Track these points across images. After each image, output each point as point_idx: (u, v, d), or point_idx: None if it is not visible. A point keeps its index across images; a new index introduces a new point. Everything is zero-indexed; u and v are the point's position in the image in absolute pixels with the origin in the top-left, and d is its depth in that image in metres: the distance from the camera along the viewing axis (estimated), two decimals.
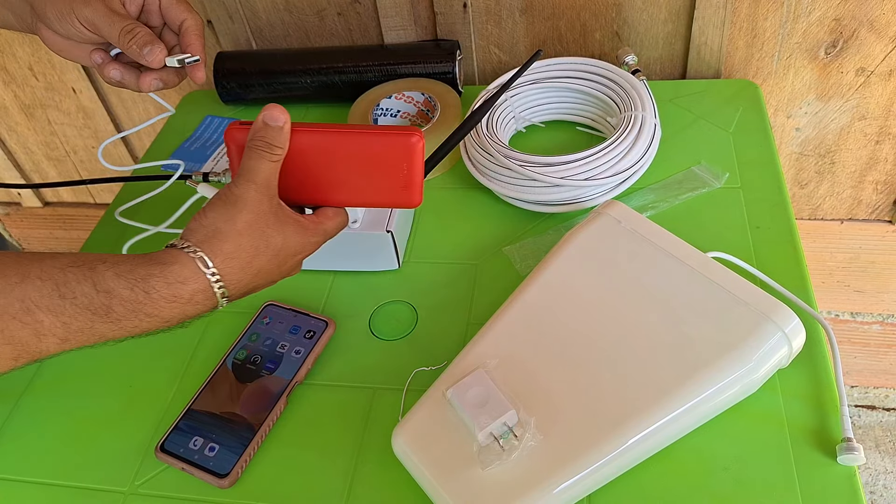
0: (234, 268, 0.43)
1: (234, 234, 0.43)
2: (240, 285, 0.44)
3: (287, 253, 0.46)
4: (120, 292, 0.40)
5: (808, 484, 0.46)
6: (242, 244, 0.43)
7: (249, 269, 0.44)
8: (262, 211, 0.44)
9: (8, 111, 1.07)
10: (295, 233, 0.46)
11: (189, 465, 0.51)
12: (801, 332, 0.48)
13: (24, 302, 0.38)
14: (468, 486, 0.45)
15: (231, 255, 0.43)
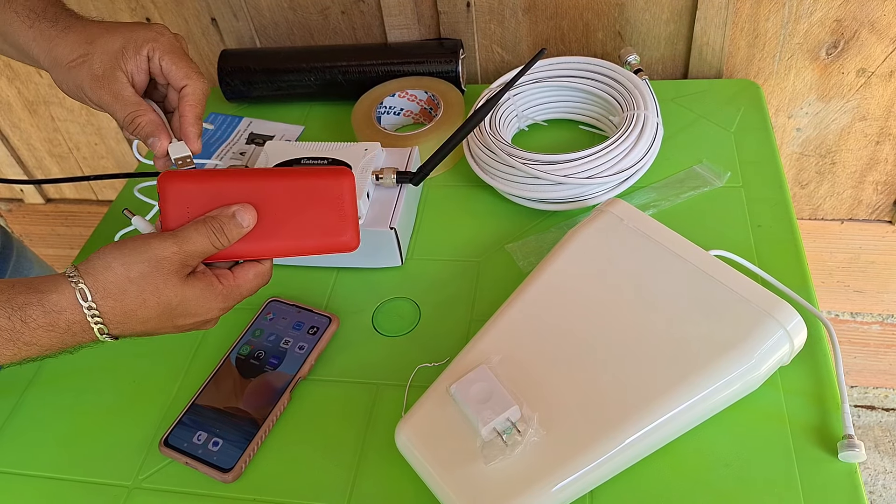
0: (116, 310, 0.42)
1: (124, 278, 0.42)
2: (122, 327, 0.43)
3: (184, 312, 0.45)
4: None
5: (809, 481, 0.46)
6: (129, 291, 0.43)
7: (134, 317, 0.43)
8: (165, 270, 0.43)
9: (11, 108, 1.07)
10: (198, 296, 0.45)
11: (193, 460, 0.51)
12: (803, 330, 0.48)
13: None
14: (471, 482, 0.45)
15: (113, 296, 0.42)
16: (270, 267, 0.50)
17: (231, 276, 0.47)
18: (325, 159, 0.63)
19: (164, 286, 0.43)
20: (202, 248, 0.45)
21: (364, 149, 0.64)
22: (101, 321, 0.42)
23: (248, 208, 0.47)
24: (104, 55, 0.50)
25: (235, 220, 0.46)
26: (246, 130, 0.82)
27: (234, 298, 0.47)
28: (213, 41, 0.92)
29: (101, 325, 0.42)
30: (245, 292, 0.48)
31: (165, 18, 0.91)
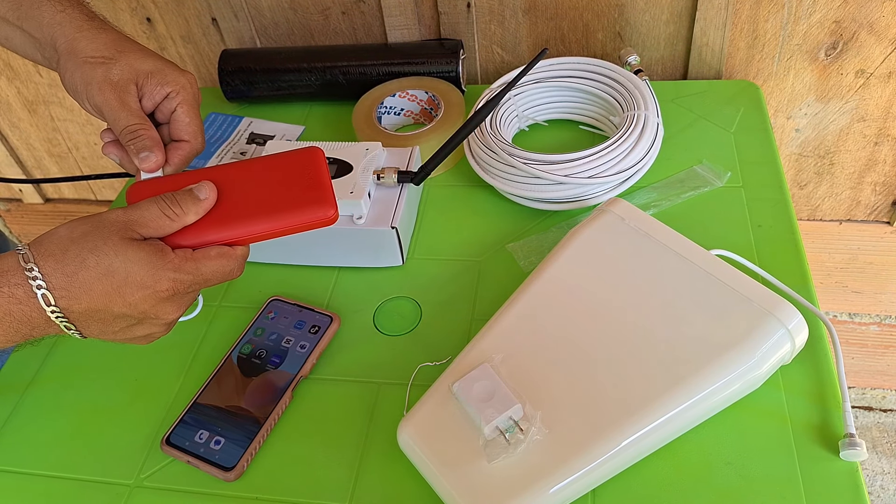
0: (57, 272, 0.40)
1: (66, 239, 0.41)
2: (68, 297, 0.41)
3: (129, 280, 0.41)
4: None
5: (810, 479, 0.46)
6: (70, 250, 0.41)
7: (75, 280, 0.41)
8: (107, 231, 0.42)
9: (11, 107, 1.07)
10: (144, 260, 0.41)
11: (195, 459, 0.51)
12: (804, 329, 0.48)
13: None
14: (473, 480, 0.45)
15: (55, 256, 0.41)
16: (241, 254, 0.46)
17: (189, 250, 0.44)
18: (327, 158, 0.63)
19: (104, 245, 0.41)
20: (151, 215, 0.43)
21: (365, 148, 0.64)
22: (45, 286, 0.40)
23: (207, 183, 0.45)
24: (128, 67, 0.50)
25: (192, 192, 0.44)
26: (246, 130, 0.82)
27: (189, 272, 0.43)
28: (213, 41, 0.92)
29: (44, 291, 0.40)
30: (206, 270, 0.44)
31: (166, 18, 0.91)
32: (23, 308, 0.40)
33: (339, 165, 0.62)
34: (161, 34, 0.93)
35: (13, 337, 0.41)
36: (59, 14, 0.51)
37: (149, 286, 0.42)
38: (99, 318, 0.42)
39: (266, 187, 0.46)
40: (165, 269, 0.42)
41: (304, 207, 0.46)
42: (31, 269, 0.40)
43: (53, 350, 0.62)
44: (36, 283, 0.40)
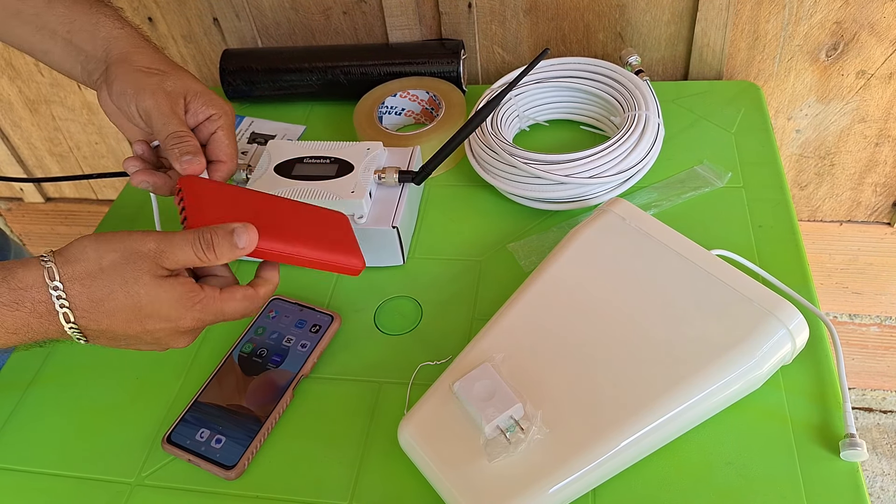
0: (83, 296, 0.41)
1: (95, 265, 0.41)
2: (88, 318, 0.41)
3: (154, 313, 0.42)
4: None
5: (811, 479, 0.46)
6: (98, 278, 0.41)
7: (101, 308, 0.41)
8: (139, 265, 0.42)
9: (12, 106, 1.07)
10: (173, 299, 0.42)
11: (195, 457, 0.52)
12: (805, 329, 0.48)
13: None
14: (474, 479, 0.45)
15: (81, 280, 0.41)
16: (264, 296, 0.47)
17: (216, 290, 0.45)
18: (328, 158, 0.63)
19: (133, 280, 0.41)
20: (184, 256, 0.43)
21: (366, 148, 0.64)
22: (67, 305, 0.41)
23: (251, 230, 0.44)
24: (181, 82, 0.53)
25: (232, 238, 0.43)
26: (247, 130, 0.82)
27: (212, 313, 0.44)
28: (214, 41, 0.92)
29: (66, 310, 0.41)
30: (228, 311, 0.45)
31: (167, 18, 0.91)
32: (42, 322, 0.41)
33: (340, 165, 0.63)
34: (162, 34, 0.93)
35: (21, 342, 0.42)
36: (118, 30, 0.54)
37: (172, 320, 0.43)
38: (112, 337, 0.43)
39: (309, 224, 0.51)
40: (192, 310, 0.43)
41: (339, 252, 0.51)
42: (57, 288, 0.41)
43: (55, 349, 0.62)
44: (59, 303, 0.41)
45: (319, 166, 0.63)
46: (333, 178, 0.61)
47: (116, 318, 0.42)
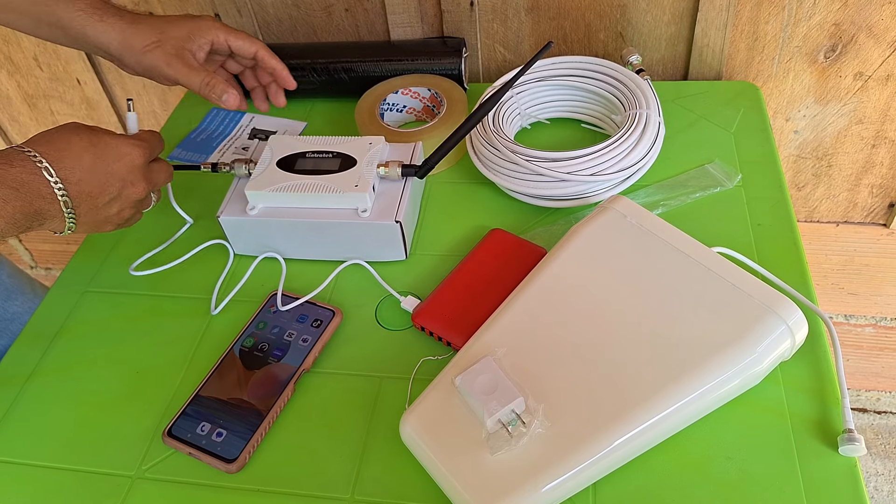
0: (52, 150, 0.50)
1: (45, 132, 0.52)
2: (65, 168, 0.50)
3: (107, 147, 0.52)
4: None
5: (809, 474, 0.46)
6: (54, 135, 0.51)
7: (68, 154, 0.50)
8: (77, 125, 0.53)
9: (11, 101, 1.07)
10: (112, 135, 0.53)
11: (196, 450, 0.52)
12: (804, 326, 0.49)
13: None
14: (476, 473, 0.45)
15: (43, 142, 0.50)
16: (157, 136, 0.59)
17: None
18: (330, 153, 0.64)
19: (82, 129, 0.52)
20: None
21: (368, 143, 0.64)
22: (45, 161, 0.49)
23: None
24: (174, 40, 0.62)
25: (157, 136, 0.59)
26: (248, 125, 0.82)
27: (145, 140, 0.56)
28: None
29: (45, 164, 0.49)
30: (153, 141, 0.57)
31: (168, 12, 0.91)
32: (34, 178, 0.49)
33: (343, 159, 0.63)
34: None
35: (28, 209, 0.48)
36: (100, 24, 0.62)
37: (125, 153, 0.53)
38: (88, 193, 0.51)
39: None
40: (131, 141, 0.54)
41: None
42: (29, 151, 0.49)
43: (55, 341, 0.62)
44: (37, 160, 0.49)
45: (322, 161, 0.63)
46: (337, 173, 0.61)
47: (84, 163, 0.51)
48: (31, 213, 0.49)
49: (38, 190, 0.49)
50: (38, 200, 0.49)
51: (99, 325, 0.63)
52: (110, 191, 0.53)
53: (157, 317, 0.63)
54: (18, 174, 0.48)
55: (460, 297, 0.58)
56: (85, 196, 0.51)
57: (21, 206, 0.48)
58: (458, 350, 0.53)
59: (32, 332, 0.63)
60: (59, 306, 0.65)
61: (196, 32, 0.63)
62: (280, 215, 0.62)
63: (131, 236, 0.70)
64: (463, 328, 0.55)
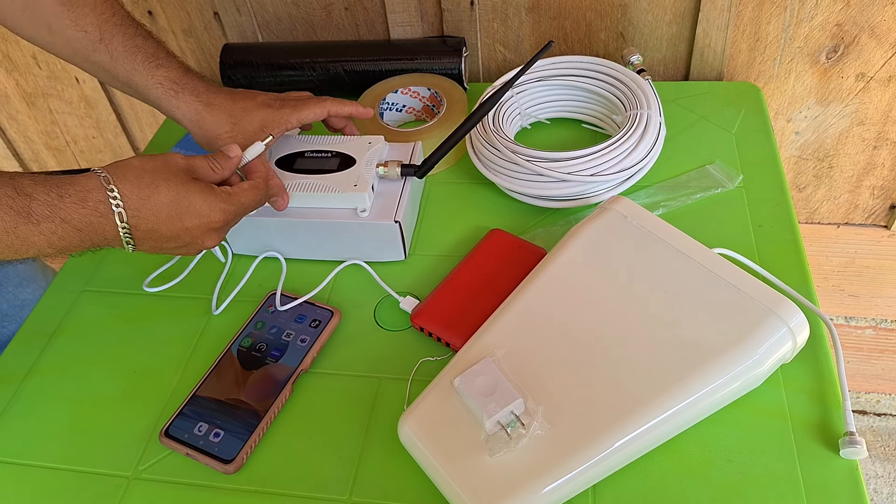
0: (133, 195, 0.48)
1: (140, 168, 0.50)
2: (138, 216, 0.49)
3: (189, 206, 0.50)
4: (38, 195, 0.46)
5: (810, 476, 0.46)
6: (143, 177, 0.49)
7: (148, 203, 0.49)
8: (174, 167, 0.51)
9: (9, 99, 1.07)
10: (201, 191, 0.51)
11: (194, 451, 0.51)
12: (806, 328, 0.48)
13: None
14: (474, 474, 0.45)
15: (132, 181, 0.49)
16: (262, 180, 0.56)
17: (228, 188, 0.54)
18: (329, 152, 0.63)
19: (173, 178, 0.50)
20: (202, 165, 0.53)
21: (368, 142, 0.64)
22: (121, 205, 0.48)
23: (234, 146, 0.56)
24: (246, 134, 0.61)
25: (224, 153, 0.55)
26: None
27: (234, 204, 0.53)
28: (215, 35, 0.92)
29: (120, 210, 0.48)
30: (244, 201, 0.54)
31: (167, 12, 0.90)
32: (102, 221, 0.48)
33: (342, 159, 0.62)
34: (162, 28, 0.92)
35: (83, 244, 0.48)
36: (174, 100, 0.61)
37: (204, 216, 0.51)
38: (155, 238, 0.50)
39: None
40: (218, 202, 0.52)
41: None
42: (112, 190, 0.48)
43: (52, 340, 0.62)
44: (115, 202, 0.48)
45: (321, 160, 0.63)
46: (336, 172, 0.61)
47: (161, 216, 0.49)
48: (87, 246, 0.48)
49: (102, 231, 0.48)
50: (99, 238, 0.48)
51: (96, 324, 0.62)
52: (177, 242, 0.51)
53: (155, 316, 0.62)
54: (88, 216, 0.47)
55: (460, 297, 0.58)
56: (149, 241, 0.50)
57: (78, 242, 0.47)
58: (457, 351, 0.52)
59: (30, 331, 0.63)
60: (56, 306, 0.64)
61: (268, 126, 0.61)
62: (279, 215, 0.61)
63: None
64: (462, 329, 0.54)
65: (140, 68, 0.60)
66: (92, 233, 0.47)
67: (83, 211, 0.47)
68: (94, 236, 0.48)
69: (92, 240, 0.48)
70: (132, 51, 0.60)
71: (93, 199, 0.47)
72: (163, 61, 0.61)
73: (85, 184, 0.47)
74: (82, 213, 0.46)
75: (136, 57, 0.60)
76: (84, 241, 0.48)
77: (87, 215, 0.47)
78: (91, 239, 0.48)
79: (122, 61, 0.60)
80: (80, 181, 0.47)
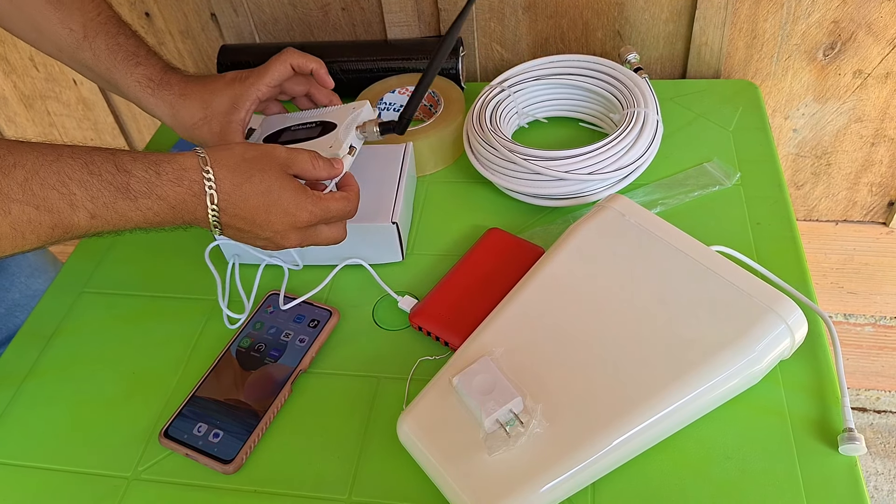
0: (227, 180, 0.49)
1: (240, 156, 0.50)
2: (228, 201, 0.49)
3: (279, 202, 0.51)
4: (136, 171, 0.46)
5: (809, 473, 0.46)
6: (241, 166, 0.50)
7: (239, 191, 0.49)
8: (273, 159, 0.51)
9: (7, 102, 1.07)
10: (294, 189, 0.51)
11: (193, 451, 0.51)
12: (804, 324, 0.48)
13: (60, 175, 0.44)
14: (473, 473, 0.45)
15: (228, 167, 0.49)
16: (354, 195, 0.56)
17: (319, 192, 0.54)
18: (313, 122, 0.64)
19: (269, 170, 0.51)
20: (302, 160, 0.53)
21: (353, 108, 0.64)
22: (214, 188, 0.49)
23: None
24: (219, 116, 0.62)
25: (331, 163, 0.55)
26: None
27: (322, 209, 0.53)
28: (212, 36, 0.92)
29: (213, 192, 0.48)
30: (333, 209, 0.54)
31: (164, 13, 0.90)
32: (194, 200, 0.48)
33: (324, 126, 0.63)
34: (159, 29, 0.92)
35: (175, 221, 0.49)
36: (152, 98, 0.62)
37: (291, 213, 0.51)
38: (239, 226, 0.51)
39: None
40: (307, 202, 0.52)
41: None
42: (208, 172, 0.49)
43: (51, 342, 0.62)
44: (209, 184, 0.48)
45: (305, 131, 0.63)
46: (315, 139, 0.61)
47: (249, 204, 0.50)
48: (177, 224, 0.49)
49: (193, 210, 0.49)
50: (190, 217, 0.49)
51: (95, 325, 0.62)
52: (260, 234, 0.52)
53: (154, 318, 0.62)
54: (182, 194, 0.48)
55: (458, 296, 0.58)
56: (234, 228, 0.51)
57: (170, 220, 0.49)
58: (455, 350, 0.52)
59: (29, 332, 0.63)
60: (55, 307, 0.64)
61: (239, 100, 0.62)
62: None
63: (128, 237, 0.70)
64: (460, 328, 0.54)
65: (120, 66, 0.61)
66: (184, 210, 0.48)
67: (178, 189, 0.48)
68: (186, 214, 0.49)
69: (183, 217, 0.49)
70: (114, 49, 0.61)
71: (188, 178, 0.48)
72: (142, 59, 0.62)
73: (183, 162, 0.48)
74: (177, 192, 0.48)
75: (116, 55, 0.61)
76: (176, 218, 0.49)
77: (181, 193, 0.48)
78: (182, 216, 0.49)
79: (104, 60, 0.61)
80: (179, 159, 0.48)
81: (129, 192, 0.46)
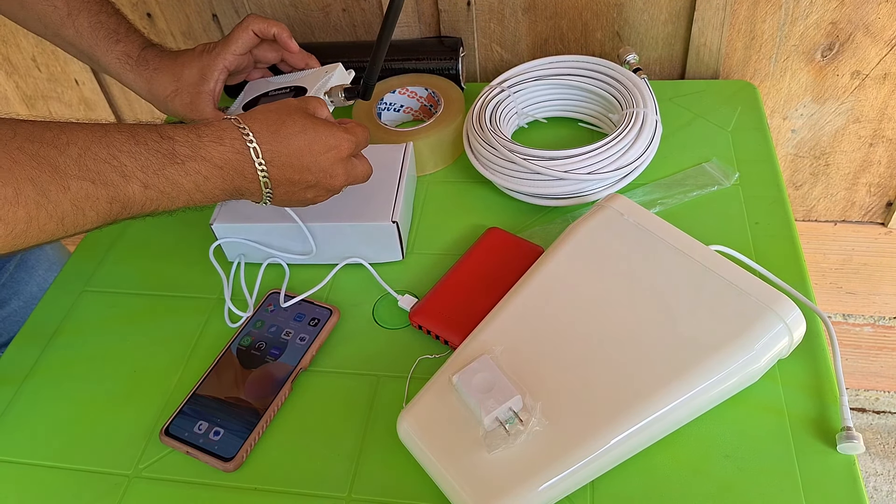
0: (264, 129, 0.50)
1: (265, 111, 0.52)
2: (272, 151, 0.50)
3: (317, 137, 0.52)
4: (179, 137, 0.48)
5: (808, 472, 0.46)
6: (270, 116, 0.52)
7: (279, 135, 0.51)
8: (294, 105, 0.53)
9: (9, 102, 1.07)
10: (324, 123, 0.53)
11: (194, 449, 0.51)
12: (802, 323, 0.49)
13: (110, 149, 0.44)
14: (473, 471, 0.45)
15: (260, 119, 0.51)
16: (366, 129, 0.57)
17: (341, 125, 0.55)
18: (289, 88, 0.65)
19: (296, 113, 0.52)
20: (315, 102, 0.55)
21: (325, 72, 0.64)
22: (255, 140, 0.50)
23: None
24: (189, 87, 0.64)
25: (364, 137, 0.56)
26: None
27: (355, 135, 0.54)
28: (214, 37, 0.92)
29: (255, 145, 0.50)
30: (360, 134, 0.55)
31: (166, 14, 0.91)
32: (239, 158, 0.49)
33: (297, 91, 0.64)
34: (161, 30, 0.93)
35: (226, 185, 0.49)
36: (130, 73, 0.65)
37: (333, 145, 0.53)
38: (289, 176, 0.52)
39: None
40: (340, 131, 0.53)
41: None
42: (244, 129, 0.50)
43: (53, 340, 0.62)
44: (248, 138, 0.50)
45: (279, 96, 0.64)
46: None
47: (292, 147, 0.51)
48: (230, 190, 0.50)
49: (241, 169, 0.49)
50: (240, 179, 0.50)
51: (96, 324, 0.63)
52: (310, 179, 0.53)
53: (154, 316, 0.63)
54: (226, 152, 0.49)
55: (457, 295, 0.58)
56: (285, 181, 0.52)
57: (221, 183, 0.49)
58: (455, 348, 0.53)
59: (30, 331, 0.63)
60: (56, 306, 0.65)
61: (207, 71, 0.64)
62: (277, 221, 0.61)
63: (128, 236, 0.70)
64: (460, 326, 0.55)
65: (101, 44, 0.63)
66: (233, 171, 0.49)
67: (221, 148, 0.49)
68: (236, 176, 0.49)
69: (233, 180, 0.49)
70: (96, 27, 0.63)
71: (228, 136, 0.49)
72: (122, 37, 0.64)
73: (220, 125, 0.50)
74: (221, 150, 0.48)
75: (98, 33, 0.63)
76: (226, 182, 0.49)
77: (225, 152, 0.49)
78: (233, 179, 0.49)
79: (86, 37, 0.63)
80: (216, 123, 0.50)
81: (175, 157, 0.47)
